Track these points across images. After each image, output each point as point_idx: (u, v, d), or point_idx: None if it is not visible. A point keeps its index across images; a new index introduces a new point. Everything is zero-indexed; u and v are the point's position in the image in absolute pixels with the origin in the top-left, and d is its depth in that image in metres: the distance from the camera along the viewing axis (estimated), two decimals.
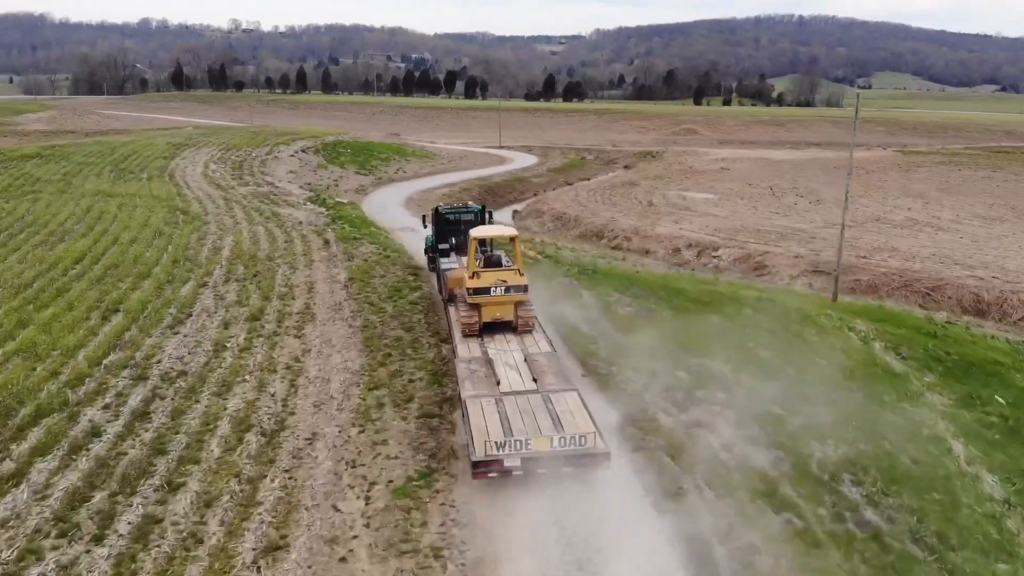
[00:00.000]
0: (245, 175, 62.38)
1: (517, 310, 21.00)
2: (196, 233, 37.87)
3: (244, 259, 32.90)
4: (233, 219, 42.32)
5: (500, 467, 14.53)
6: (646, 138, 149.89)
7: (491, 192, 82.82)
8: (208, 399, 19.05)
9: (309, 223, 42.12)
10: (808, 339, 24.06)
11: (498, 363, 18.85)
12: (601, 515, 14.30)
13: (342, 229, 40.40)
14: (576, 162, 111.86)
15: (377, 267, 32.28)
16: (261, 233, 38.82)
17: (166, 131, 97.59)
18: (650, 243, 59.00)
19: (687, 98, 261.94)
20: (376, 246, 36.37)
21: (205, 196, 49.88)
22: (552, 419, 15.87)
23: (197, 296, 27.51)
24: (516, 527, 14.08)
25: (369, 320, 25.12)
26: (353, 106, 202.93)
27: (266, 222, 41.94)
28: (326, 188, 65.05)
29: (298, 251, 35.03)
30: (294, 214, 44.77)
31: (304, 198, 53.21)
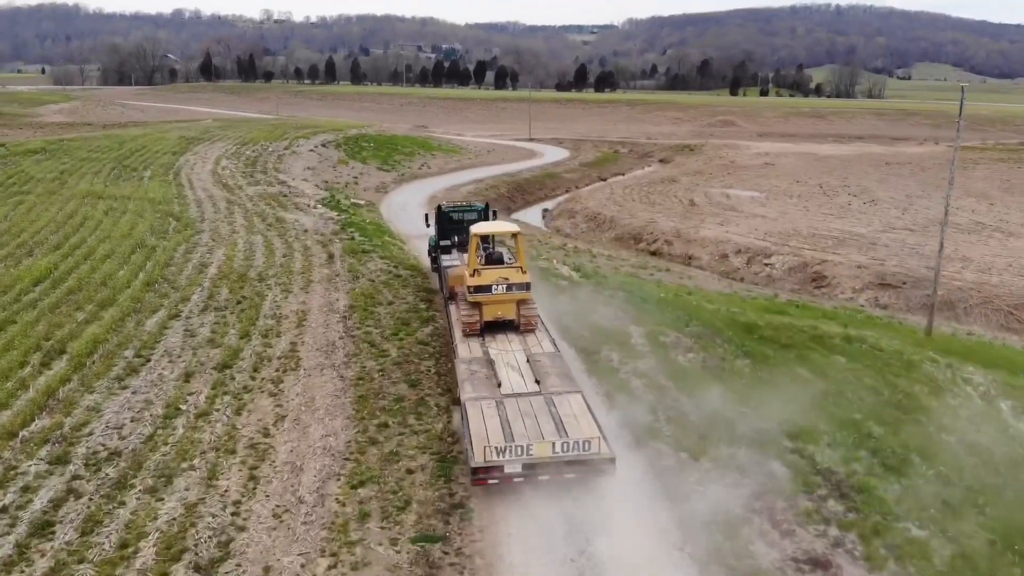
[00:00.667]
0: (257, 173, 57.64)
1: (519, 309, 20.20)
2: (184, 245, 33.02)
3: (231, 280, 27.95)
4: (231, 227, 37.45)
5: (500, 473, 13.94)
6: (682, 130, 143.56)
7: (520, 189, 77.68)
8: (137, 499, 14.03)
9: (316, 231, 37.15)
10: (926, 405, 18.54)
11: (499, 364, 18.10)
12: None
13: (351, 240, 35.35)
14: (609, 156, 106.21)
15: (385, 290, 27.21)
16: (258, 244, 33.90)
17: (184, 123, 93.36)
18: (694, 248, 53.56)
19: (722, 89, 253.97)
20: (387, 262, 31.30)
21: (207, 198, 45.12)
22: (555, 423, 15.21)
23: (163, 332, 22.57)
24: None
25: (366, 369, 19.99)
26: (381, 97, 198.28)
27: (267, 230, 37.03)
28: (344, 187, 60.20)
29: (296, 268, 30.02)
30: (301, 220, 39.82)
31: (317, 199, 48.32)
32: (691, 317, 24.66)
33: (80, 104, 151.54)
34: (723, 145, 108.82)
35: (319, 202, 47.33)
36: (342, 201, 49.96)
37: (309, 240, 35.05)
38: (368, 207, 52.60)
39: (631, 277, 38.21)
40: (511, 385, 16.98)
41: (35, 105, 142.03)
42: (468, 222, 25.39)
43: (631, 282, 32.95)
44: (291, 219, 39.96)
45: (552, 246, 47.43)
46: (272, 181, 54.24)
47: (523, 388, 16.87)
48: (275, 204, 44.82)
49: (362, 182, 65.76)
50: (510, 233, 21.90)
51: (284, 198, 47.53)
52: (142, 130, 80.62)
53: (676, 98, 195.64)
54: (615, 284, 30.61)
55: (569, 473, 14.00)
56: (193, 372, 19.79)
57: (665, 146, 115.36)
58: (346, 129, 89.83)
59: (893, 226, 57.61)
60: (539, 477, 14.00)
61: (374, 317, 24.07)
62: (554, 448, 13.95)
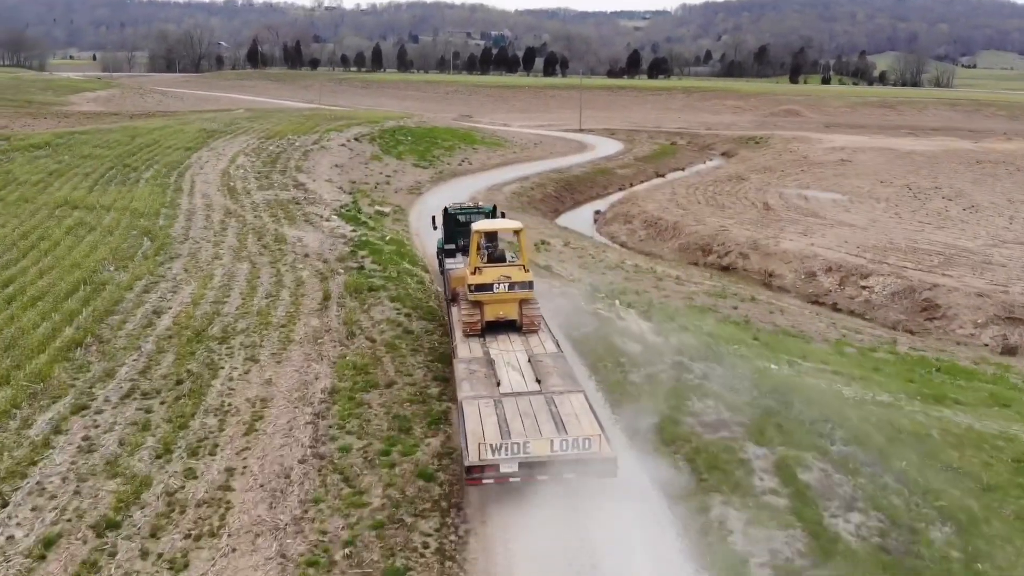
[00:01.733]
0: (275, 173, 50.36)
1: (522, 308, 19.47)
2: (146, 279, 25.59)
3: (183, 339, 20.39)
4: (215, 250, 30.01)
5: (495, 472, 13.20)
6: (743, 120, 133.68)
7: (568, 188, 69.56)
8: None
9: (319, 256, 29.57)
10: None
11: (500, 363, 17.43)
12: None
13: (359, 269, 27.58)
14: (666, 148, 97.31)
15: (387, 357, 19.45)
16: (240, 277, 26.38)
17: (213, 113, 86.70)
18: (774, 263, 45.04)
19: (780, 76, 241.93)
20: (399, 306, 23.54)
21: (202, 208, 37.86)
22: (555, 422, 14.53)
23: (51, 442, 15.11)
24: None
25: (325, 539, 12.29)
26: (427, 85, 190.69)
27: (259, 254, 29.51)
28: (372, 188, 52.73)
29: (276, 318, 22.37)
30: (305, 239, 32.27)
31: (334, 208, 40.82)
32: (826, 417, 16.41)
33: (118, 92, 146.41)
34: (792, 138, 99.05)
35: (336, 211, 39.81)
36: (364, 209, 42.38)
37: (306, 270, 27.41)
38: (395, 214, 45.03)
39: (709, 313, 30.10)
40: (511, 384, 16.36)
41: (71, 92, 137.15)
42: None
43: (723, 333, 24.64)
44: (294, 237, 32.41)
45: (608, 263, 39.36)
46: (288, 184, 46.87)
47: (523, 387, 16.27)
48: (281, 215, 37.38)
49: (394, 181, 58.26)
50: (512, 230, 20.91)
51: (295, 206, 40.10)
52: (163, 122, 74.03)
53: (735, 86, 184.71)
54: (701, 340, 22.39)
55: (568, 473, 13.37)
56: (59, 535, 12.26)
57: (727, 138, 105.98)
58: (383, 121, 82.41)
59: (1003, 239, 48.39)
60: (537, 477, 13.44)
61: (361, 414, 16.27)
62: (552, 446, 13.38)
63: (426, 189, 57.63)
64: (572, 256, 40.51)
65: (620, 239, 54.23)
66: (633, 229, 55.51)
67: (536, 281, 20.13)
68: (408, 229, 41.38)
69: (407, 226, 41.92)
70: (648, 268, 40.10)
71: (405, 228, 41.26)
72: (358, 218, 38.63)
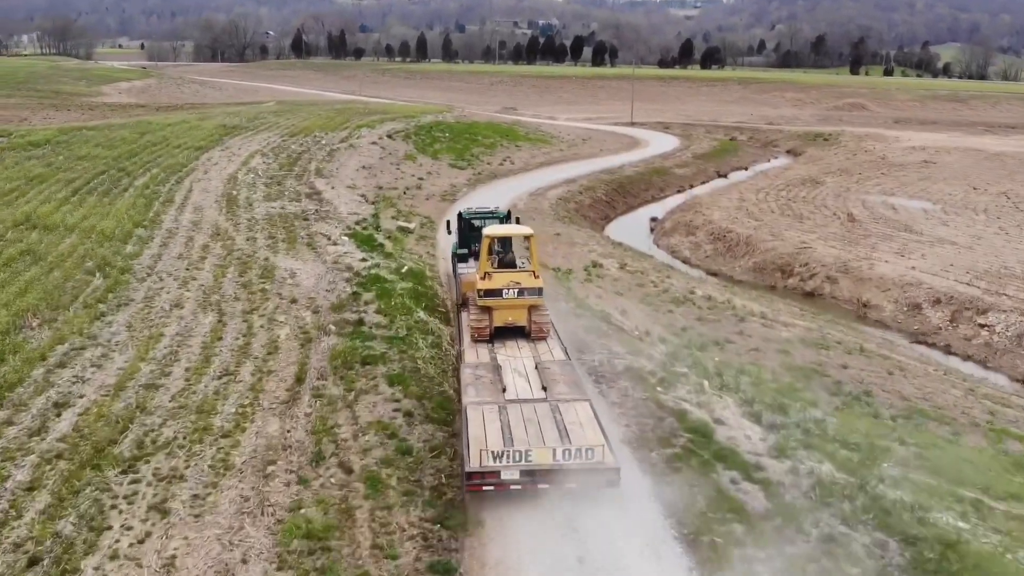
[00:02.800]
0: (290, 178, 43.73)
1: (531, 315, 18.98)
2: (70, 342, 18.86)
3: (77, 461, 13.61)
4: (181, 292, 23.23)
5: (496, 479, 12.94)
6: (804, 114, 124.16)
7: (621, 190, 61.90)
8: None
9: (310, 302, 22.66)
10: None
11: (506, 369, 17.14)
12: None
13: (357, 325, 20.64)
14: (727, 145, 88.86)
15: (364, 508, 12.40)
16: (197, 340, 19.51)
17: (239, 107, 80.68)
18: (869, 291, 37.20)
19: (839, 67, 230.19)
20: (399, 395, 16.46)
21: (188, 227, 31.24)
22: (559, 430, 14.23)
23: None
24: None
25: None
26: (471, 75, 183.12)
27: (233, 300, 22.66)
28: (400, 195, 45.86)
29: (222, 418, 15.37)
30: (300, 273, 25.40)
31: (350, 223, 34.06)
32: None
33: (154, 82, 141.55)
34: (864, 135, 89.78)
35: (349, 229, 32.98)
36: (384, 224, 35.48)
37: (287, 327, 20.49)
38: (422, 228, 38.10)
39: (817, 381, 22.64)
40: (516, 391, 15.97)
41: (105, 82, 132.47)
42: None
43: (855, 429, 16.99)
44: (285, 271, 25.53)
45: (675, 295, 31.82)
46: (301, 192, 40.11)
47: (529, 394, 15.87)
48: (280, 236, 30.58)
49: (427, 185, 51.31)
50: (523, 236, 20.16)
51: (301, 223, 33.31)
52: (182, 116, 67.92)
53: (794, 76, 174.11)
54: (840, 461, 14.88)
55: (571, 483, 13.00)
56: None
57: (791, 133, 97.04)
58: (419, 116, 75.45)
59: None
60: (539, 485, 13.10)
61: None
62: (555, 455, 13.05)
63: (462, 194, 50.58)
64: (631, 284, 33.19)
65: (682, 254, 46.66)
66: (697, 243, 47.86)
67: (594, 342, 18.97)
68: (434, 250, 34.38)
69: (433, 246, 34.92)
70: (724, 301, 32.54)
71: (431, 249, 34.25)
72: (373, 239, 31.65)
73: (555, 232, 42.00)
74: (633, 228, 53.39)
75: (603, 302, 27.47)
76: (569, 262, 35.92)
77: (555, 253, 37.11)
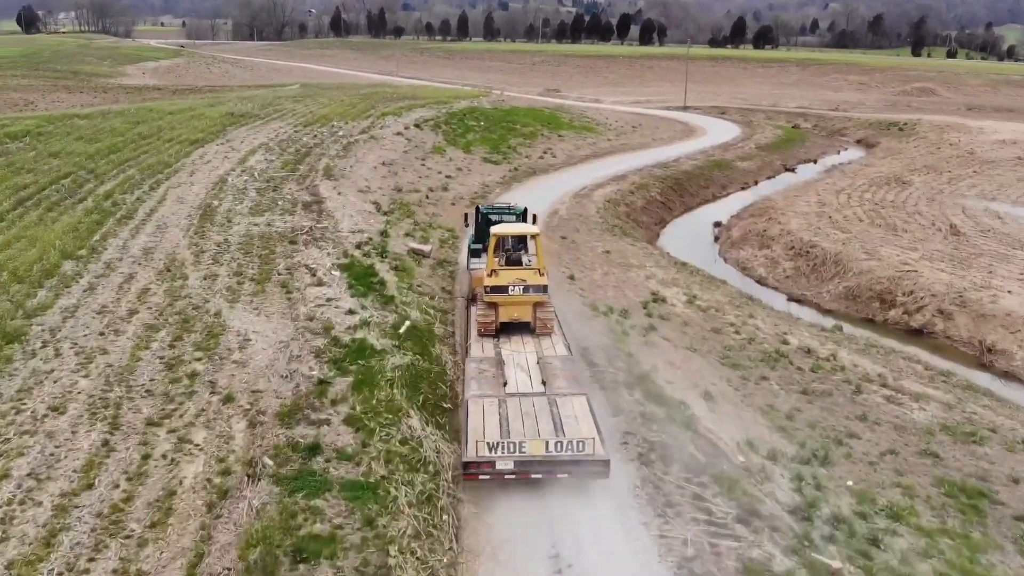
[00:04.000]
0: (290, 181, 36.36)
1: (536, 311, 19.23)
2: None
3: None
4: (72, 379, 15.77)
5: (492, 469, 13.39)
6: (870, 98, 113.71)
7: (677, 188, 53.63)
8: None
9: (253, 400, 15.13)
10: None
11: (509, 364, 17.43)
12: None
13: (305, 464, 13.03)
14: (791, 135, 79.66)
15: None
16: (52, 488, 12.12)
17: (257, 91, 73.64)
18: (993, 331, 29.18)
19: (898, 48, 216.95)
20: None
21: (136, 257, 23.96)
22: (554, 423, 14.59)
23: None
24: None
25: None
26: (512, 55, 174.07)
27: (142, 395, 15.29)
28: (421, 200, 38.50)
29: None
30: (255, 341, 17.92)
31: (349, 247, 26.66)
32: None
33: (183, 61, 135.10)
34: (944, 125, 79.63)
35: (346, 256, 25.55)
36: (393, 246, 27.96)
37: (203, 456, 13.10)
38: (441, 247, 30.64)
39: (983, 504, 15.03)
40: (517, 385, 16.34)
41: (131, 62, 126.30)
42: (505, 223, 23.07)
43: None
44: (238, 335, 18.10)
45: (766, 350, 24.16)
46: (298, 202, 32.68)
47: (528, 388, 16.22)
48: (251, 272, 23.18)
49: (454, 186, 43.77)
50: (529, 235, 20.74)
51: (286, 248, 25.90)
52: (190, 102, 60.98)
53: (855, 58, 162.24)
54: None
55: (562, 473, 13.44)
56: None
57: (860, 121, 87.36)
58: (452, 101, 67.64)
59: None
60: (532, 475, 13.49)
61: None
62: (548, 447, 13.49)
63: (494, 196, 42.94)
64: (705, 332, 25.38)
65: (756, 272, 38.59)
66: (774, 258, 39.68)
67: (681, 500, 13.52)
68: (453, 282, 26.81)
69: (452, 277, 27.37)
70: (828, 357, 24.58)
71: (448, 281, 26.71)
72: (372, 273, 24.08)
73: (604, 250, 34.17)
74: (693, 235, 45.42)
75: (676, 378, 19.66)
76: (623, 294, 28.15)
77: (605, 282, 29.33)
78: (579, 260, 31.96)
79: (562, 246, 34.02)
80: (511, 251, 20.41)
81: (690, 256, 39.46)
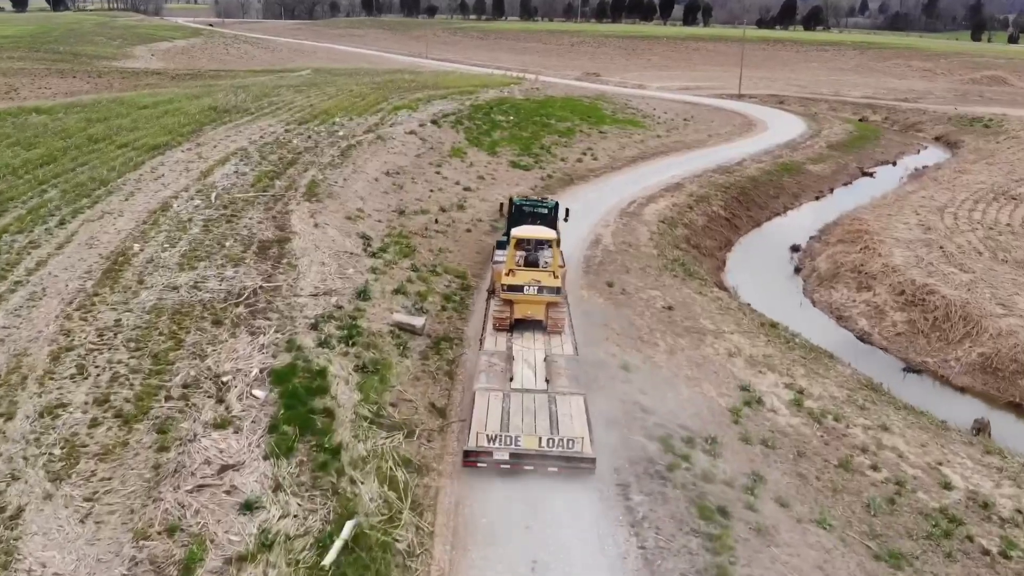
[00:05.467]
0: (256, 207, 27.42)
1: (548, 311, 19.56)
2: None
3: None
4: None
5: (489, 459, 14.06)
6: (937, 87, 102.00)
7: (743, 198, 43.95)
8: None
9: None
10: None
11: (518, 360, 17.80)
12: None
13: None
14: (863, 130, 69.09)
15: None
16: None
17: (265, 76, 64.90)
18: None
19: (954, 32, 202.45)
20: None
21: None
22: (551, 420, 15.21)
23: None
24: None
25: None
26: (549, 36, 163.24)
27: None
28: (428, 225, 29.81)
29: None
30: None
31: (302, 325, 17.93)
32: None
33: (200, 41, 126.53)
34: None
35: (289, 346, 16.78)
36: (365, 324, 19.07)
37: None
38: (442, 316, 21.71)
39: None
40: (522, 381, 16.77)
41: (146, 42, 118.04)
42: (541, 217, 24.54)
43: None
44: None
45: (922, 511, 15.40)
46: (253, 240, 23.74)
47: (533, 385, 16.69)
48: (124, 396, 14.54)
49: (473, 201, 34.85)
50: (548, 240, 20.76)
51: (205, 332, 17.19)
52: (172, 92, 52.58)
53: (915, 42, 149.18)
54: None
55: (552, 467, 14.06)
56: None
57: (936, 115, 76.30)
58: (479, 90, 58.38)
59: None
60: (524, 467, 14.05)
61: None
62: (540, 443, 14.06)
63: None
64: (826, 465, 16.93)
65: (857, 324, 29.43)
66: (879, 307, 30.25)
67: None
68: (453, 384, 17.91)
69: (455, 366, 18.53)
70: (1011, 517, 15.50)
71: (447, 379, 17.90)
72: (320, 388, 15.21)
73: (665, 304, 25.03)
74: (768, 263, 36.14)
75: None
76: (700, 393, 19.14)
77: (673, 371, 20.18)
78: (633, 327, 22.82)
79: (608, 299, 24.91)
80: (530, 252, 20.70)
81: (769, 295, 30.37)
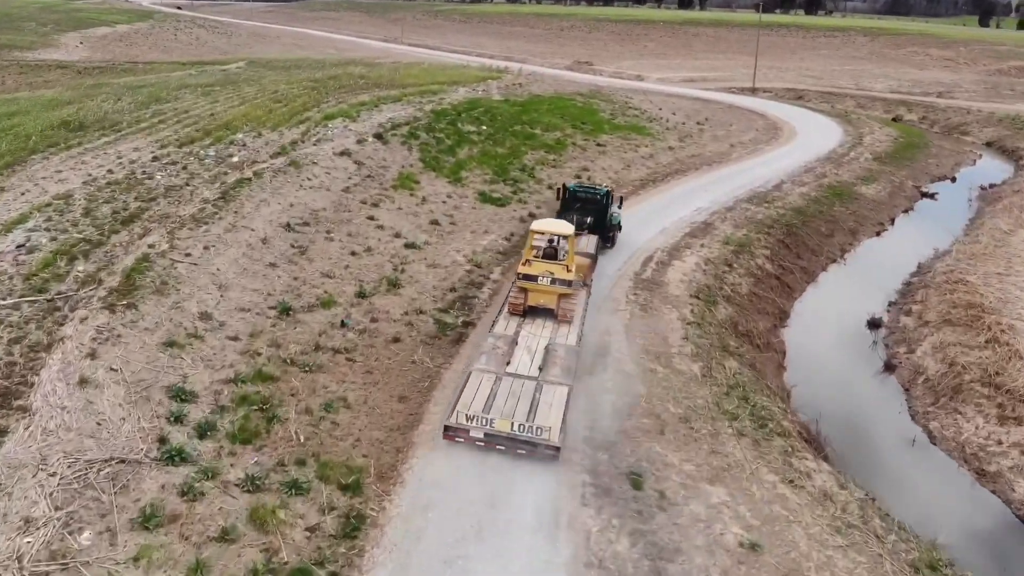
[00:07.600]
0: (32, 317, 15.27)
1: (560, 301, 19.86)
2: None
3: None
4: None
5: (466, 436, 14.73)
6: (964, 79, 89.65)
7: (791, 241, 30.83)
8: None
9: None
10: None
11: (520, 345, 18.14)
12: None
13: None
14: (908, 136, 56.53)
15: None
16: None
17: (183, 71, 52.12)
18: None
19: (955, 16, 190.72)
20: None
21: None
22: (531, 407, 15.60)
23: None
24: None
25: None
26: (538, 20, 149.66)
27: None
28: (316, 344, 17.52)
29: None
30: None
31: None
32: None
33: (146, 27, 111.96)
34: None
35: None
36: None
37: None
38: None
39: None
40: (517, 366, 17.13)
41: (82, 27, 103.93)
42: (592, 203, 26.19)
43: None
44: None
45: None
46: None
47: (526, 371, 16.98)
48: None
49: (416, 271, 22.98)
50: (563, 235, 21.00)
51: None
52: (25, 99, 39.99)
53: (928, 28, 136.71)
54: None
55: (520, 450, 14.59)
56: None
57: (983, 115, 64.11)
58: (445, 88, 45.62)
59: None
60: (496, 447, 14.68)
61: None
62: (512, 427, 14.61)
63: (488, 287, 21.94)
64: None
65: (1011, 486, 17.50)
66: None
67: None
68: None
69: None
70: None
71: None
72: None
73: (741, 534, 12.91)
74: (843, 355, 24.17)
75: None
76: None
77: None
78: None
79: (635, 537, 12.87)
80: (549, 245, 21.18)
81: (854, 409, 19.04)
